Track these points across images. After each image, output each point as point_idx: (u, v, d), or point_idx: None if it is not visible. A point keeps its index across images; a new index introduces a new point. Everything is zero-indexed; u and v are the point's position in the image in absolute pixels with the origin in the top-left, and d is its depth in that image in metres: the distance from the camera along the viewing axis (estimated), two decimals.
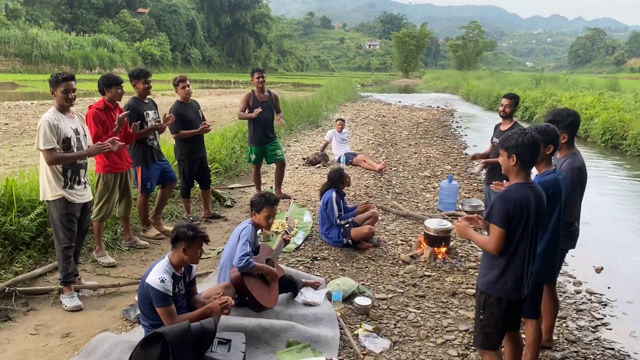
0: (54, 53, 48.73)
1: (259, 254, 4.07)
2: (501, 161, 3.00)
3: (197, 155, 6.12)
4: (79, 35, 55.83)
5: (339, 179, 5.66)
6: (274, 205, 4.03)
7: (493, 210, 2.89)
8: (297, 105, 15.71)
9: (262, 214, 3.98)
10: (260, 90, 6.89)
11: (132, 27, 62.97)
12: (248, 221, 4.04)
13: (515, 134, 2.91)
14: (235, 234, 3.99)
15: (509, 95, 5.51)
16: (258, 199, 4.01)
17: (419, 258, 5.63)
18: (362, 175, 9.10)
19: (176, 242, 3.29)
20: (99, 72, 50.91)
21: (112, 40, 56.38)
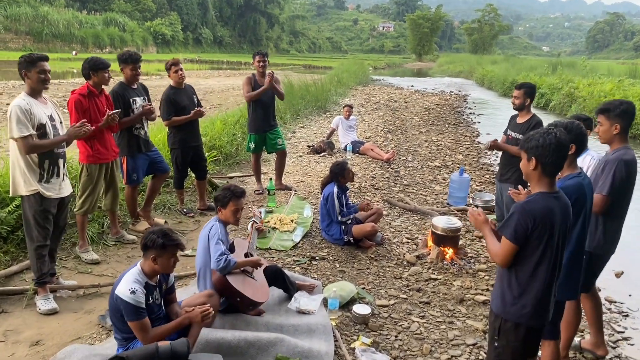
0: (65, 32, 48.56)
1: (236, 251, 3.76)
2: (521, 165, 2.61)
3: (190, 144, 5.76)
4: (90, 13, 55.51)
5: (340, 173, 5.28)
6: (241, 197, 3.68)
7: (509, 222, 2.51)
8: (305, 89, 15.25)
9: (228, 208, 3.63)
10: (260, 75, 6.49)
11: (144, 6, 62.50)
12: (213, 219, 3.70)
13: (537, 134, 2.51)
14: (202, 236, 3.65)
15: (519, 85, 5.05)
16: (222, 193, 3.67)
17: (425, 258, 5.26)
18: (369, 165, 8.70)
19: (145, 250, 2.95)
20: (110, 52, 50.75)
21: (123, 19, 56.10)
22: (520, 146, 2.61)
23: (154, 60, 44.14)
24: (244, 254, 3.78)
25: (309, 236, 5.38)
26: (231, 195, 3.63)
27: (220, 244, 3.50)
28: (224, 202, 3.64)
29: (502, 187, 5.08)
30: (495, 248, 2.60)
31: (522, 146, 2.56)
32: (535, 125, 4.81)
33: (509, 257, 2.53)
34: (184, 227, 5.67)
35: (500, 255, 2.56)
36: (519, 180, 4.91)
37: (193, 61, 49.26)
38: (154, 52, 58.08)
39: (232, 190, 3.67)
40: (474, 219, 2.80)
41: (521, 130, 4.89)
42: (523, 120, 4.96)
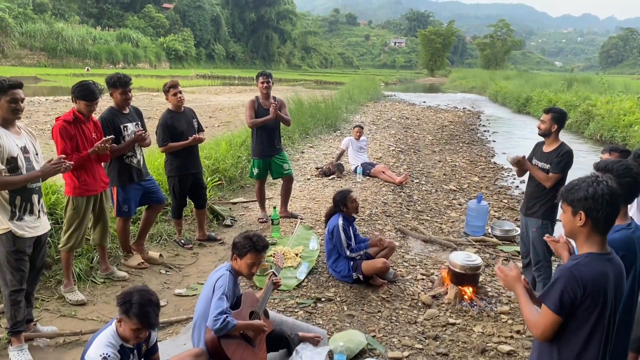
0: (79, 47, 49.22)
1: (241, 307, 3.28)
2: (564, 219, 2.18)
3: (189, 171, 5.38)
4: (104, 29, 56.23)
5: (341, 201, 4.85)
6: (262, 252, 3.25)
7: (553, 289, 2.07)
8: (315, 107, 14.90)
9: (244, 260, 3.21)
10: (265, 97, 6.13)
11: (157, 22, 63.17)
12: (225, 267, 3.26)
13: (584, 183, 2.08)
14: (209, 283, 3.22)
15: (547, 109, 4.60)
16: (242, 242, 3.23)
17: (442, 298, 4.80)
18: (380, 189, 8.27)
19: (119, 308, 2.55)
20: (123, 67, 51.32)
21: (137, 35, 56.76)
22: (562, 197, 2.18)
23: (166, 76, 44.33)
24: (250, 313, 3.32)
25: (315, 273, 4.94)
26: (251, 247, 3.19)
27: (224, 300, 3.06)
28: (241, 252, 3.21)
29: (528, 222, 4.62)
30: (533, 317, 2.16)
31: (566, 198, 2.14)
32: (564, 155, 4.37)
33: (550, 331, 2.09)
34: (180, 260, 5.27)
35: (539, 327, 2.12)
36: (546, 215, 4.47)
37: (205, 77, 49.42)
38: (166, 68, 58.56)
39: (254, 241, 3.22)
40: (503, 275, 2.37)
41: (548, 160, 4.45)
42: (550, 148, 4.51)
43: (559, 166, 4.36)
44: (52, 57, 46.81)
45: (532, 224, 4.57)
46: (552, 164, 4.39)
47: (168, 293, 4.54)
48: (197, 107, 20.09)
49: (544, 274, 4.56)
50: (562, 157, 4.36)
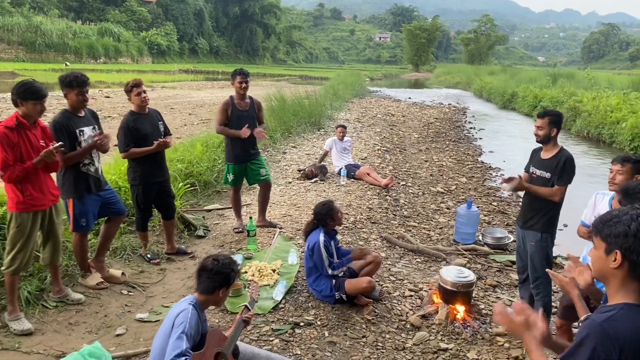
0: (58, 42, 48.10)
1: (205, 347, 2.82)
2: (593, 256, 1.77)
3: (154, 179, 4.89)
4: (84, 23, 55.01)
5: (328, 215, 4.41)
6: (230, 283, 2.81)
7: (580, 350, 1.65)
8: (298, 105, 14.41)
9: (213, 296, 2.77)
10: (240, 97, 5.65)
11: (139, 16, 62.09)
12: (188, 300, 2.80)
13: (627, 216, 1.67)
14: (169, 317, 2.75)
15: (542, 113, 4.14)
16: (212, 276, 2.78)
17: (432, 318, 4.39)
18: (365, 192, 7.85)
19: None
20: (104, 62, 50.38)
21: (118, 30, 55.76)
22: (595, 228, 1.77)
23: (148, 71, 43.55)
24: (215, 354, 2.86)
25: (293, 292, 4.50)
26: (224, 282, 2.78)
27: (183, 339, 2.58)
28: (208, 288, 2.79)
29: (526, 235, 4.23)
30: None
31: (600, 230, 1.73)
32: (565, 163, 3.97)
33: None
34: (145, 277, 4.78)
35: None
36: (546, 227, 4.08)
37: (188, 71, 48.64)
38: (149, 63, 57.65)
39: (233, 269, 2.82)
40: (507, 321, 1.94)
41: (548, 167, 4.05)
42: (549, 155, 4.10)
43: (564, 177, 3.96)
44: (30, 52, 45.64)
45: (530, 237, 4.17)
46: (553, 173, 4.00)
47: (129, 318, 4.06)
48: (177, 104, 19.52)
49: (543, 291, 4.17)
50: (565, 167, 3.96)
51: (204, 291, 2.76)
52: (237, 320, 3.08)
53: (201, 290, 2.77)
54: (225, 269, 2.75)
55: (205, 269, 2.77)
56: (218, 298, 2.79)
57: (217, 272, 2.74)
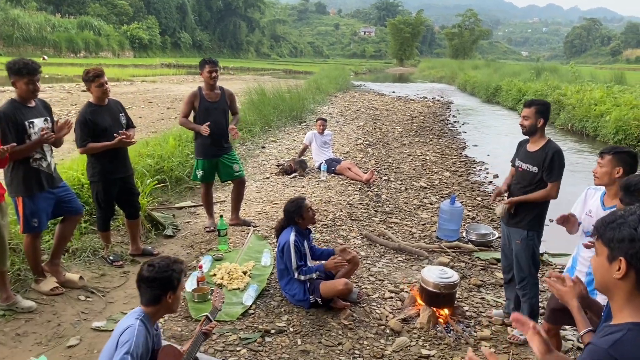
0: (37, 35, 47.06)
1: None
2: (595, 263, 1.51)
3: (116, 175, 4.54)
4: (64, 17, 53.99)
5: (297, 213, 4.11)
6: (175, 285, 2.50)
7: None
8: (279, 98, 14.06)
9: (163, 305, 2.46)
10: (210, 88, 5.32)
11: (120, 9, 61.06)
12: (135, 313, 2.47)
13: (633, 216, 1.40)
14: (115, 333, 2.43)
15: (528, 102, 3.84)
16: (168, 274, 2.47)
17: (413, 322, 4.13)
18: (346, 188, 7.56)
19: None
20: (84, 56, 49.46)
21: (99, 23, 54.86)
22: (596, 231, 1.50)
23: (129, 65, 42.73)
24: None
25: (265, 296, 4.20)
26: (169, 285, 2.46)
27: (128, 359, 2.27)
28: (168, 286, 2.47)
29: (511, 233, 3.97)
30: None
31: (602, 234, 1.46)
32: (553, 157, 3.70)
33: None
34: (107, 281, 4.44)
35: None
36: (532, 225, 3.82)
37: (170, 66, 47.90)
38: (130, 57, 56.80)
39: (174, 270, 2.49)
40: (555, 290, 1.95)
41: (535, 160, 3.79)
42: (536, 147, 3.84)
43: (554, 173, 3.70)
44: (7, 45, 44.50)
45: (515, 235, 3.92)
46: (541, 167, 3.74)
47: (84, 327, 3.73)
48: (156, 97, 19.04)
49: (529, 292, 3.92)
50: (553, 161, 3.70)
51: (148, 302, 2.45)
52: (196, 333, 2.78)
53: (145, 302, 2.46)
54: (164, 273, 2.43)
55: (142, 278, 2.46)
56: (168, 305, 2.48)
57: (154, 278, 2.42)
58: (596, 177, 2.90)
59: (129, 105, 16.12)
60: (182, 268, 2.51)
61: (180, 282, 2.49)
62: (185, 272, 2.54)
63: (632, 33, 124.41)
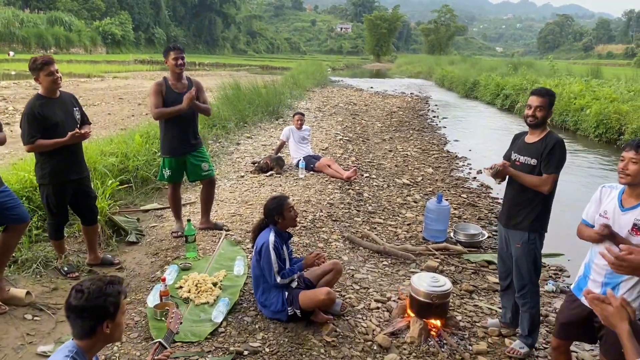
0: (4, 31, 45.94)
1: None
2: None
3: (68, 177, 4.03)
4: (32, 12, 52.49)
5: (277, 210, 3.67)
6: (111, 312, 2.03)
7: None
8: (255, 93, 13.56)
9: (101, 333, 2.00)
10: (176, 77, 4.84)
11: (92, 4, 59.89)
12: (66, 350, 1.96)
13: None
14: None
15: (541, 91, 3.47)
16: (105, 298, 1.99)
17: (403, 335, 3.74)
18: (326, 186, 7.15)
19: None
20: (55, 52, 48.12)
21: (69, 19, 53.68)
22: None
23: (101, 61, 41.53)
24: None
25: (238, 310, 3.75)
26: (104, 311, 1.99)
27: None
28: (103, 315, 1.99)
29: (510, 235, 3.60)
30: None
31: None
32: (554, 147, 3.35)
33: None
34: (59, 296, 3.93)
35: None
36: (534, 226, 3.46)
37: (144, 62, 46.87)
38: (103, 53, 55.55)
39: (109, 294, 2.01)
40: (600, 310, 1.65)
41: (534, 152, 3.42)
42: (536, 139, 3.48)
43: (553, 164, 3.33)
44: None
45: (515, 238, 3.55)
46: (540, 159, 3.38)
47: (28, 352, 3.24)
48: (127, 94, 18.33)
49: (530, 302, 3.56)
50: (554, 152, 3.34)
51: (80, 336, 1.99)
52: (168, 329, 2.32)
53: (77, 336, 2.00)
54: (95, 300, 1.95)
55: (69, 308, 1.99)
56: (106, 336, 2.01)
57: (85, 307, 1.94)
58: (627, 174, 2.53)
59: (97, 102, 15.45)
60: (120, 290, 2.04)
61: (119, 307, 2.03)
62: (125, 292, 2.07)
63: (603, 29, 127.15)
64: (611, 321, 1.55)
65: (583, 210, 2.84)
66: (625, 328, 1.50)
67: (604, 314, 1.58)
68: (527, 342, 3.61)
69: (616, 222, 2.61)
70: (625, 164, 2.54)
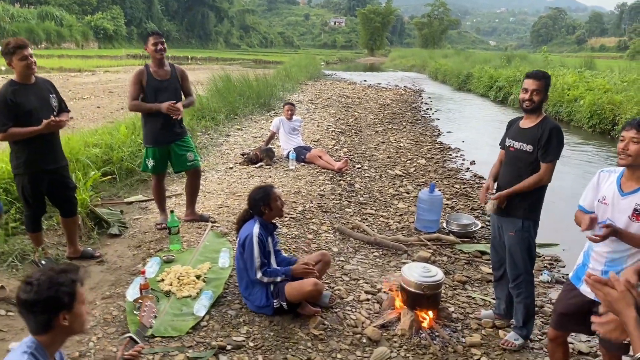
0: None
1: None
2: None
3: (45, 166, 3.86)
4: (23, 6, 51.97)
5: (263, 200, 3.53)
6: (65, 302, 1.87)
7: None
8: (246, 85, 13.37)
9: (59, 326, 1.85)
10: (158, 64, 4.67)
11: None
12: (24, 346, 1.83)
13: None
14: None
15: (537, 74, 3.33)
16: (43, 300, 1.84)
17: (393, 328, 3.61)
18: (317, 177, 7.00)
19: None
20: (46, 47, 47.69)
21: (61, 13, 53.15)
22: None
23: (93, 56, 41.10)
24: None
25: (222, 303, 3.60)
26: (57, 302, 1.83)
27: None
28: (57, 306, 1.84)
29: (503, 224, 3.48)
30: None
31: None
32: (551, 134, 3.22)
33: None
34: None
35: None
36: (528, 213, 3.33)
37: (137, 57, 46.32)
38: (95, 48, 55.06)
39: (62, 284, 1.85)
40: (603, 295, 1.48)
41: (530, 138, 3.29)
42: (531, 124, 3.35)
43: (551, 153, 3.21)
44: None
45: (508, 226, 3.42)
46: (536, 145, 3.25)
47: (0, 349, 3.09)
48: (118, 87, 18.09)
49: (524, 292, 3.44)
50: (551, 139, 3.21)
51: (36, 331, 1.84)
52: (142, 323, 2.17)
53: (33, 331, 1.86)
54: (46, 291, 1.80)
55: (19, 303, 1.84)
56: (66, 328, 1.86)
57: (35, 301, 1.79)
58: (628, 155, 2.39)
59: (87, 95, 15.22)
60: (74, 278, 1.88)
61: (76, 295, 1.87)
62: (82, 280, 1.92)
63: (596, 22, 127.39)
64: (615, 307, 1.41)
65: (577, 200, 2.72)
66: (632, 315, 1.36)
67: (608, 299, 1.44)
68: (522, 334, 3.49)
69: (615, 208, 2.49)
70: (625, 144, 2.41)
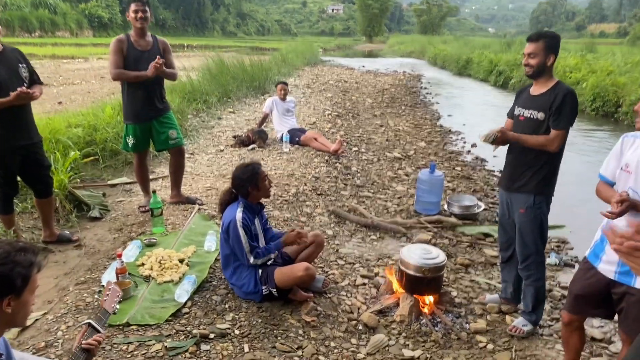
0: None
1: None
2: None
3: (15, 142, 3.54)
4: None
5: (250, 180, 3.24)
6: (17, 284, 1.61)
7: None
8: (240, 68, 13.01)
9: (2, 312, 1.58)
10: (139, 34, 4.37)
11: None
12: None
13: None
14: None
15: (535, 36, 3.02)
16: None
17: (392, 314, 3.34)
18: (312, 160, 6.71)
19: None
20: (40, 35, 47.07)
21: (54, 1, 52.27)
22: None
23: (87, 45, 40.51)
24: None
25: (206, 288, 3.33)
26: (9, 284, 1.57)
27: None
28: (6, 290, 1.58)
29: (513, 200, 3.19)
30: None
31: None
32: (564, 99, 2.94)
33: None
34: None
35: None
36: (540, 188, 3.04)
37: None
38: (90, 36, 54.40)
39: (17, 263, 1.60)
40: None
41: (541, 106, 3.01)
42: (543, 89, 3.06)
43: (562, 119, 2.92)
44: None
45: (518, 202, 3.14)
46: (548, 112, 2.96)
47: None
48: None
49: (535, 274, 3.16)
50: (564, 104, 2.93)
51: None
52: (72, 350, 1.89)
53: None
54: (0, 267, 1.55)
55: None
56: (7, 316, 1.60)
57: None
58: None
59: (78, 81, 14.85)
60: (33, 260, 1.63)
61: (29, 282, 1.61)
62: (39, 266, 1.66)
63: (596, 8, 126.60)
64: None
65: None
66: None
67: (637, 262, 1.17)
68: (531, 319, 3.23)
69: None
70: None
